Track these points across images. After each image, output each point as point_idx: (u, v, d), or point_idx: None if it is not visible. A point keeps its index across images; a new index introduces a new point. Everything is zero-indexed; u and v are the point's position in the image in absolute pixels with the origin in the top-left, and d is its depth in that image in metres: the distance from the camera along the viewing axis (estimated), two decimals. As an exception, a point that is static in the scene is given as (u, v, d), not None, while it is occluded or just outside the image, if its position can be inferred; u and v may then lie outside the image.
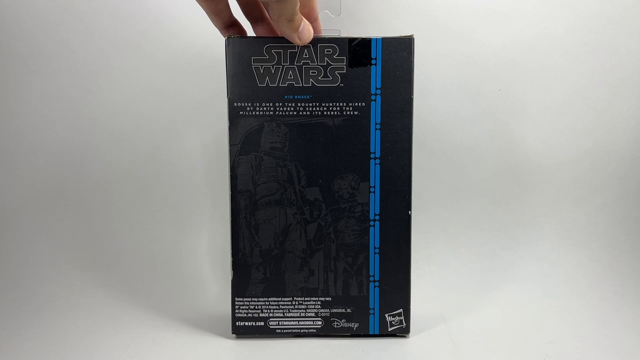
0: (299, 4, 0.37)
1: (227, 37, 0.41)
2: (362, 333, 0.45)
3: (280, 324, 0.45)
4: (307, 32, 0.40)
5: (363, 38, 0.41)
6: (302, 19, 0.39)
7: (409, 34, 0.42)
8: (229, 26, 0.42)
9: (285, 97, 0.42)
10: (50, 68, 0.59)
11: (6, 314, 0.49)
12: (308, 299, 0.44)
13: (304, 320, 0.45)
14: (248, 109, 0.42)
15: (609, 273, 0.56)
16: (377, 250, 0.44)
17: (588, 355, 0.42)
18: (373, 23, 0.57)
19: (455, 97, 0.59)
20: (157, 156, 0.60)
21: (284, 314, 0.44)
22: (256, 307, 0.44)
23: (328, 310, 0.44)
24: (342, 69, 0.41)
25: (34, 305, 0.51)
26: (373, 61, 0.41)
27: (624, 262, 0.58)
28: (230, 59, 0.41)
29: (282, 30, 0.39)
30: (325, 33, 0.44)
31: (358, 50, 0.41)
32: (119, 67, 0.59)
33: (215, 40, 0.46)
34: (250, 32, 0.43)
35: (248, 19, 0.43)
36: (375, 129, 0.42)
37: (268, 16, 0.42)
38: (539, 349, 0.43)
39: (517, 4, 0.57)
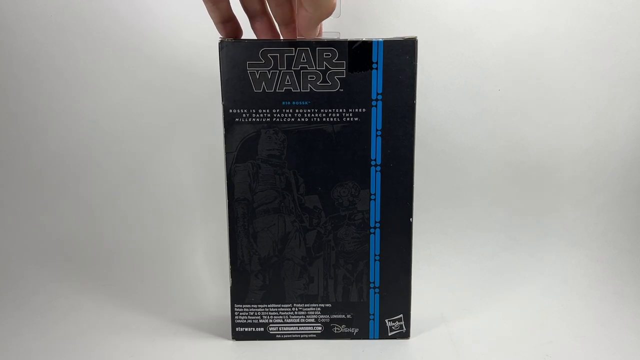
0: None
1: (220, 41, 0.39)
2: (362, 338, 0.44)
3: (280, 329, 0.44)
4: (318, 28, 0.38)
5: (364, 41, 0.39)
6: None
7: (412, 36, 0.39)
8: (226, 21, 0.39)
9: (283, 103, 0.40)
10: (51, 68, 0.58)
11: (6, 314, 0.49)
12: (308, 305, 0.43)
13: (303, 326, 0.44)
14: (244, 115, 0.40)
15: (609, 273, 0.55)
16: (377, 257, 0.42)
17: (588, 355, 0.42)
18: (373, 23, 0.57)
19: (455, 97, 0.58)
20: (158, 157, 0.60)
21: (283, 320, 0.44)
22: (256, 314, 0.43)
23: (328, 316, 0.43)
24: (341, 73, 0.39)
25: (34, 305, 0.50)
26: (374, 65, 0.39)
27: (624, 262, 0.57)
28: (225, 64, 0.39)
29: (309, 24, 0.36)
30: (324, 35, 0.42)
31: (358, 54, 0.39)
32: (119, 67, 0.58)
33: (216, 42, 0.46)
34: (248, 31, 0.41)
35: (246, 13, 0.40)
36: (376, 136, 0.40)
37: (268, 11, 0.40)
38: (539, 349, 0.42)
39: (517, 4, 0.56)
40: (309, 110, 0.40)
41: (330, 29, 0.45)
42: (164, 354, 0.42)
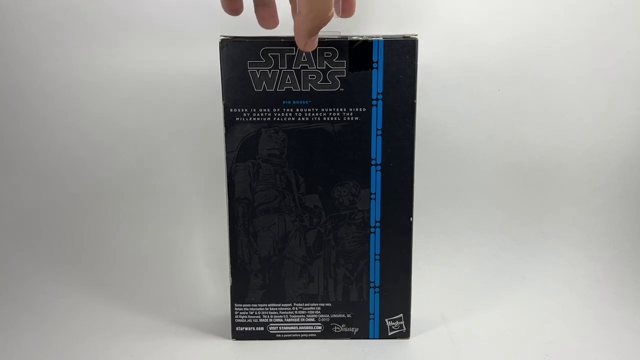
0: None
1: (221, 40, 0.39)
2: (362, 338, 0.44)
3: (280, 329, 0.44)
4: (315, 42, 0.37)
5: (364, 40, 0.39)
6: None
7: (413, 35, 0.39)
8: None
9: (283, 102, 0.40)
10: (51, 68, 0.58)
11: (6, 314, 0.48)
12: (308, 304, 0.43)
13: (303, 325, 0.44)
14: (245, 114, 0.40)
15: (609, 273, 0.55)
16: (377, 257, 0.42)
17: (588, 355, 0.42)
18: (373, 23, 0.57)
19: (455, 97, 0.58)
20: (158, 157, 0.59)
21: (283, 319, 0.44)
22: (256, 313, 0.43)
23: (328, 316, 0.43)
24: (342, 73, 0.39)
25: (34, 305, 0.50)
26: (374, 65, 0.39)
27: (624, 262, 0.57)
28: (225, 63, 0.39)
29: (301, 29, 0.34)
30: (324, 34, 0.41)
31: (359, 53, 0.39)
32: (119, 67, 0.58)
33: (216, 42, 0.46)
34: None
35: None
36: (377, 135, 0.40)
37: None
38: (539, 349, 0.42)
39: (517, 4, 0.56)
40: (309, 110, 0.40)
41: (330, 28, 0.45)
42: (164, 354, 0.42)
